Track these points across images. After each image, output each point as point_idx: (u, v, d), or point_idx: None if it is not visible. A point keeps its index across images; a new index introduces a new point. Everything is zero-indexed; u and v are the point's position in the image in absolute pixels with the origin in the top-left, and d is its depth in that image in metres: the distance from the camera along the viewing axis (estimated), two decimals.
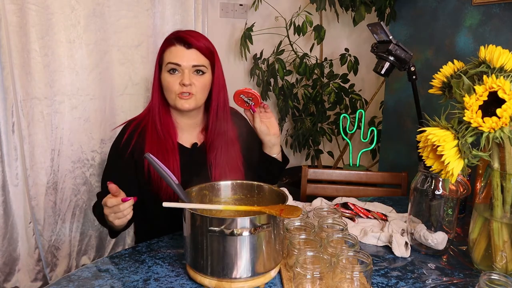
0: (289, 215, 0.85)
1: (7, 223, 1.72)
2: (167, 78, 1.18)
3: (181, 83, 1.16)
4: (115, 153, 1.23)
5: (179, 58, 1.16)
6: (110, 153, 1.25)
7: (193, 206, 0.90)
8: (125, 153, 1.19)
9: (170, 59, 1.16)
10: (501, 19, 1.54)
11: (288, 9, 2.46)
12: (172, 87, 1.17)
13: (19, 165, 1.70)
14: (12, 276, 1.77)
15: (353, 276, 0.84)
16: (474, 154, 0.85)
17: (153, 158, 0.95)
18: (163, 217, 1.20)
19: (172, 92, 1.18)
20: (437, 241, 1.04)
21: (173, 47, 1.17)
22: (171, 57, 1.16)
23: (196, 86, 1.18)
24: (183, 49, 1.16)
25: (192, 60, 1.17)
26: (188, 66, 1.16)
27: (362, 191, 1.74)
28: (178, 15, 1.96)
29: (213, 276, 0.87)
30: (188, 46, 1.16)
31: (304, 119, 2.45)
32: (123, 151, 1.20)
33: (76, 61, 1.76)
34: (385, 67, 1.30)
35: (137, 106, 1.94)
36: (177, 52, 1.16)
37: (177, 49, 1.17)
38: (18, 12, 1.62)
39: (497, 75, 0.85)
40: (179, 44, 1.17)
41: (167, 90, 1.19)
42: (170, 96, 1.19)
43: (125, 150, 1.20)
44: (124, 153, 1.19)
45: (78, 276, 0.93)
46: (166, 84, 1.18)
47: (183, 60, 1.16)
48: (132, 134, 1.21)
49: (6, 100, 1.63)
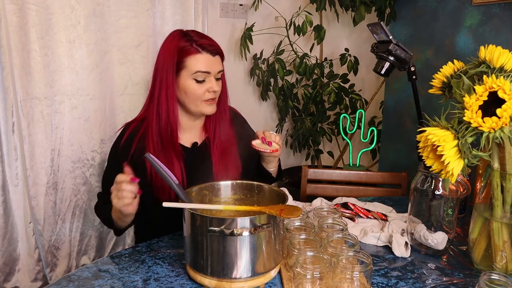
0: (289, 215, 0.85)
1: (7, 223, 1.72)
2: (192, 85, 1.16)
3: (210, 90, 1.17)
4: (115, 155, 1.22)
5: (209, 67, 1.15)
6: (110, 154, 1.25)
7: (193, 206, 0.90)
8: (126, 155, 1.19)
9: (199, 68, 1.15)
10: (501, 19, 1.54)
11: (288, 9, 2.46)
12: (200, 94, 1.17)
13: (19, 165, 1.70)
14: (12, 276, 1.77)
15: (353, 276, 0.84)
16: (474, 154, 0.85)
17: (153, 158, 0.96)
18: (163, 217, 1.20)
19: (197, 98, 1.17)
20: (437, 241, 1.04)
21: (200, 54, 1.15)
22: (200, 66, 1.15)
23: (218, 91, 1.20)
24: (210, 56, 1.16)
25: (218, 67, 1.18)
26: (215, 73, 1.17)
27: (362, 191, 1.74)
28: (178, 15, 1.96)
29: (213, 276, 0.87)
30: (214, 53, 1.17)
31: (304, 119, 2.45)
32: (123, 153, 1.20)
33: (76, 61, 1.76)
34: (385, 67, 1.30)
35: (137, 106, 1.94)
36: (205, 61, 1.15)
37: (205, 57, 1.15)
38: (18, 12, 1.62)
39: (497, 75, 0.85)
40: (205, 52, 1.15)
41: (192, 96, 1.17)
42: (194, 103, 1.18)
43: (126, 152, 1.19)
44: (125, 156, 1.19)
45: (78, 276, 0.93)
46: (191, 91, 1.16)
47: (212, 68, 1.16)
48: (132, 136, 1.21)
49: (6, 100, 1.63)
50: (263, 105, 2.64)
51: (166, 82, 1.17)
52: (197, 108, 1.19)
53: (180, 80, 1.17)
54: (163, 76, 1.17)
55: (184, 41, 1.15)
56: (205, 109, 1.19)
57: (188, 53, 1.15)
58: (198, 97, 1.17)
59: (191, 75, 1.15)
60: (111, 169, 1.23)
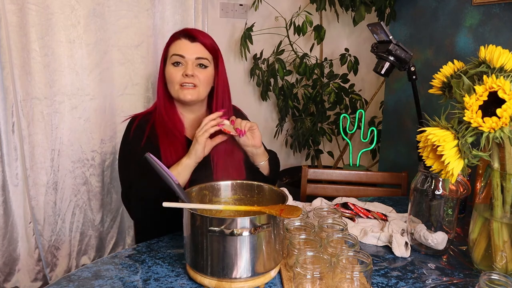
0: (289, 215, 0.85)
1: (7, 223, 1.72)
2: (170, 69, 1.23)
3: (183, 74, 1.21)
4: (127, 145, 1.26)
5: (184, 50, 1.22)
6: (122, 145, 1.28)
7: (193, 206, 0.91)
8: (139, 144, 1.22)
9: (174, 51, 1.22)
10: (501, 19, 1.54)
11: (288, 9, 2.46)
12: (175, 78, 1.22)
13: (19, 165, 1.70)
14: (12, 276, 1.77)
15: (353, 276, 0.84)
16: (474, 154, 0.84)
17: (153, 158, 0.96)
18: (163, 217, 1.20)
19: (175, 83, 1.23)
20: (437, 241, 1.04)
21: (179, 40, 1.23)
22: (176, 49, 1.22)
23: (199, 78, 1.23)
24: (188, 42, 1.23)
25: (196, 53, 1.22)
26: (191, 58, 1.22)
27: (362, 191, 1.74)
28: (178, 15, 1.96)
29: (213, 276, 0.87)
30: (192, 39, 1.23)
31: (304, 119, 2.45)
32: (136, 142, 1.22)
33: (76, 61, 1.76)
34: (385, 67, 1.30)
35: (137, 106, 1.94)
36: (182, 45, 1.23)
37: (182, 42, 1.23)
38: (18, 12, 1.62)
39: (497, 75, 0.85)
40: (184, 38, 1.23)
41: (170, 82, 1.24)
42: (173, 88, 1.24)
43: (138, 141, 1.22)
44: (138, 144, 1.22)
45: (78, 276, 0.93)
46: (169, 75, 1.23)
47: (187, 52, 1.22)
48: (143, 126, 1.25)
49: (6, 100, 1.63)
50: (263, 105, 2.64)
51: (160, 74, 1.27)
52: (176, 93, 1.24)
53: (166, 69, 1.25)
54: (160, 69, 1.27)
55: (174, 33, 1.26)
56: (182, 95, 1.23)
57: (171, 41, 1.25)
58: (174, 81, 1.23)
59: (169, 60, 1.24)
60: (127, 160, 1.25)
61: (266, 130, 2.67)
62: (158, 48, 1.94)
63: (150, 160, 0.95)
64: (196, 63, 1.23)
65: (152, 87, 1.96)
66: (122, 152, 1.29)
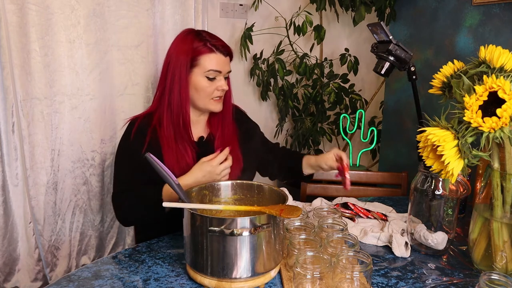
0: (289, 215, 0.85)
1: (7, 223, 1.72)
2: (204, 82, 1.23)
3: (219, 88, 1.24)
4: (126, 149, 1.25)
5: (221, 66, 1.23)
6: (120, 148, 1.27)
7: (193, 206, 0.91)
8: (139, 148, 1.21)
9: (212, 67, 1.22)
10: (501, 19, 1.54)
11: (288, 9, 2.46)
12: (209, 91, 1.24)
13: (19, 165, 1.70)
14: (12, 276, 1.77)
15: (353, 276, 0.84)
16: (474, 154, 0.85)
17: (154, 158, 0.96)
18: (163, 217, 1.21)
19: (207, 96, 1.24)
20: (437, 241, 1.04)
21: (214, 54, 1.22)
22: (213, 65, 1.22)
23: (226, 89, 1.27)
24: (222, 57, 1.24)
25: (228, 67, 1.26)
26: (225, 73, 1.25)
27: (362, 191, 1.74)
28: (178, 15, 1.96)
29: (213, 276, 0.87)
30: (225, 54, 1.24)
31: (304, 119, 2.45)
32: (135, 146, 1.22)
33: (76, 61, 1.76)
34: (385, 67, 1.30)
35: (137, 106, 1.94)
36: (219, 60, 1.23)
37: (219, 57, 1.23)
38: (18, 12, 1.62)
39: (497, 75, 0.85)
40: (219, 52, 1.23)
41: (202, 93, 1.24)
42: (204, 99, 1.25)
43: (138, 145, 1.22)
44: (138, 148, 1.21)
45: (78, 276, 0.93)
46: (203, 88, 1.23)
47: (224, 67, 1.24)
48: (143, 129, 1.24)
49: (6, 100, 1.63)
50: (263, 105, 2.64)
51: (179, 78, 1.22)
52: (206, 105, 1.26)
53: (192, 77, 1.23)
54: (176, 72, 1.22)
55: (198, 41, 1.22)
56: (213, 107, 1.26)
57: (202, 52, 1.21)
58: (208, 94, 1.24)
59: (203, 73, 1.22)
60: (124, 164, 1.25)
61: (266, 130, 2.65)
62: (158, 48, 1.94)
63: (150, 160, 0.95)
64: (225, 76, 1.27)
65: (152, 87, 1.96)
66: (121, 155, 1.27)
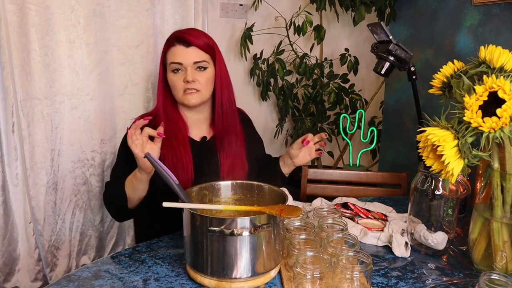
0: (289, 215, 0.85)
1: (7, 223, 1.72)
2: (172, 77, 1.24)
3: (184, 80, 1.22)
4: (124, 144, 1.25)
5: (180, 57, 1.21)
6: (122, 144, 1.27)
7: (193, 206, 0.90)
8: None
9: (172, 59, 1.22)
10: (501, 19, 1.54)
11: (288, 9, 2.46)
12: (178, 85, 1.23)
13: (19, 165, 1.70)
14: (12, 276, 1.77)
15: (353, 276, 0.84)
16: (474, 154, 0.84)
17: (154, 158, 0.96)
18: (163, 217, 1.21)
19: (178, 90, 1.24)
20: (437, 241, 1.04)
21: (174, 47, 1.23)
22: (173, 57, 1.22)
23: (200, 82, 1.23)
24: (183, 48, 1.22)
25: (192, 58, 1.22)
26: (189, 63, 1.22)
27: (362, 191, 1.74)
28: (178, 15, 1.96)
29: (213, 276, 0.87)
30: (187, 44, 1.22)
31: (304, 119, 2.45)
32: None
33: (76, 61, 1.76)
34: (385, 67, 1.30)
35: (137, 106, 1.94)
36: (177, 52, 1.22)
37: (178, 49, 1.22)
38: (18, 12, 1.62)
39: (497, 75, 0.85)
40: (179, 44, 1.22)
41: (174, 89, 1.25)
42: (177, 94, 1.25)
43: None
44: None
45: (78, 276, 0.93)
46: (172, 83, 1.24)
47: (184, 58, 1.21)
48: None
49: (6, 100, 1.63)
50: (263, 105, 2.64)
51: (160, 80, 1.28)
52: (180, 99, 1.26)
53: (167, 76, 1.26)
54: (159, 75, 1.28)
55: (168, 39, 1.26)
56: (186, 100, 1.24)
57: (166, 49, 1.25)
58: (177, 88, 1.24)
59: (169, 68, 1.24)
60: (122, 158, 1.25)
61: (266, 130, 2.67)
62: (158, 48, 1.94)
63: (150, 159, 0.95)
64: (195, 67, 1.22)
65: (152, 87, 1.96)
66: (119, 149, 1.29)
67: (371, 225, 1.20)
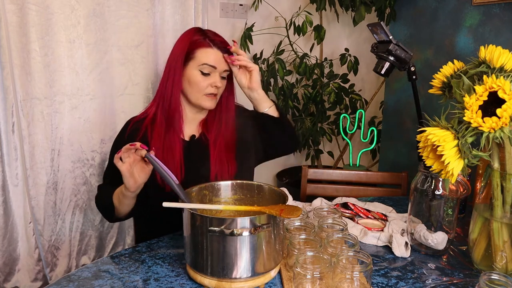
0: (289, 215, 0.85)
1: (7, 223, 1.72)
2: (197, 76, 1.20)
3: (213, 85, 1.20)
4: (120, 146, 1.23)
5: (216, 62, 1.20)
6: (114, 146, 1.27)
7: (193, 206, 0.90)
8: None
9: (206, 61, 1.19)
10: (501, 19, 1.54)
11: (288, 9, 2.46)
12: (202, 86, 1.20)
13: (19, 165, 1.70)
14: (12, 276, 1.77)
15: (353, 276, 0.84)
16: (474, 154, 0.84)
17: (154, 157, 0.96)
18: (163, 217, 1.20)
19: (199, 90, 1.21)
20: (437, 241, 1.04)
21: (210, 49, 1.19)
22: (207, 59, 1.19)
23: (221, 89, 1.24)
24: (219, 52, 1.20)
25: (224, 65, 1.22)
26: (221, 70, 1.21)
27: (362, 191, 1.74)
28: (178, 15, 1.96)
29: (213, 276, 0.87)
30: (223, 50, 1.21)
31: (304, 119, 2.45)
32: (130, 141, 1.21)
33: (76, 61, 1.76)
34: (385, 67, 1.30)
35: (137, 106, 1.94)
36: (214, 55, 1.19)
37: (214, 52, 1.20)
38: (18, 12, 1.62)
39: (497, 75, 0.85)
40: (216, 48, 1.20)
41: (194, 86, 1.21)
42: (196, 94, 1.21)
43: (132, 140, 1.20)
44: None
45: (78, 276, 0.93)
46: (196, 81, 1.20)
47: (219, 64, 1.20)
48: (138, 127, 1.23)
49: (6, 100, 1.63)
50: None
51: (174, 69, 1.20)
52: (197, 100, 1.22)
53: (186, 70, 1.20)
54: (172, 64, 1.21)
55: (198, 35, 1.21)
56: (205, 103, 1.22)
57: (199, 46, 1.19)
58: (200, 89, 1.20)
59: (197, 67, 1.19)
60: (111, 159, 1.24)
61: None
62: (158, 48, 1.94)
63: (150, 159, 0.95)
64: (222, 75, 1.23)
65: (152, 87, 1.96)
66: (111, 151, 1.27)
67: (371, 225, 1.20)
